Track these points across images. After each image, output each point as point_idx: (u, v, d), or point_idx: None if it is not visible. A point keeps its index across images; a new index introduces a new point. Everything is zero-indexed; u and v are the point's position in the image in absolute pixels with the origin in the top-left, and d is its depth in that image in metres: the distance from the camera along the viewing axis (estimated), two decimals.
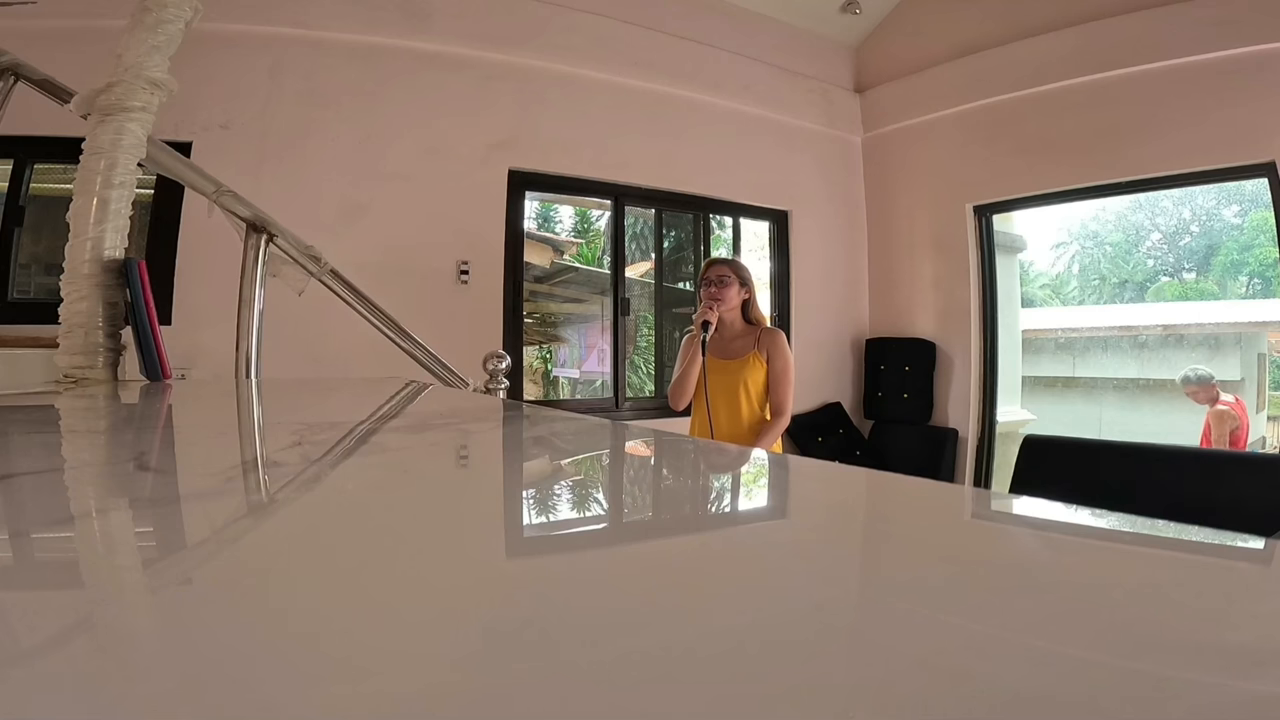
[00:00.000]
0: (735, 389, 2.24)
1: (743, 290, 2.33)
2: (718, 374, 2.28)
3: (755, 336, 2.29)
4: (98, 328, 1.22)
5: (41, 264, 2.95)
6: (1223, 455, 2.45)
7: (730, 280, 2.30)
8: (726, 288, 2.29)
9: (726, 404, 2.25)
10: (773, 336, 2.29)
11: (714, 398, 2.25)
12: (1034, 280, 8.26)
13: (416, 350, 2.06)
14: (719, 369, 2.29)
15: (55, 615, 0.20)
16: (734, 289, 2.30)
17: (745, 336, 2.31)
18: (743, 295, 2.33)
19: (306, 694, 0.15)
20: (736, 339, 2.32)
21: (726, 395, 2.25)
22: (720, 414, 2.24)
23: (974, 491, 1.33)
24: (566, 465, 0.55)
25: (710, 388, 2.28)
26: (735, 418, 2.23)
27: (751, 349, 2.27)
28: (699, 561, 0.27)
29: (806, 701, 0.15)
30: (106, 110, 1.26)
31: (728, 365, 2.28)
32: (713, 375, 2.29)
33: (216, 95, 2.96)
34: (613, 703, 0.14)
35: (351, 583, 0.23)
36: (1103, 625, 0.20)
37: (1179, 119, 3.46)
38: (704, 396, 2.25)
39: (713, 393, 2.27)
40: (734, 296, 2.30)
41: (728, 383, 2.26)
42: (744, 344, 2.29)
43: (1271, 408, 6.07)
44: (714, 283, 2.30)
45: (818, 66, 4.65)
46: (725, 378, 2.27)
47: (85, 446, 0.61)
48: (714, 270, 2.33)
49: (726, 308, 2.29)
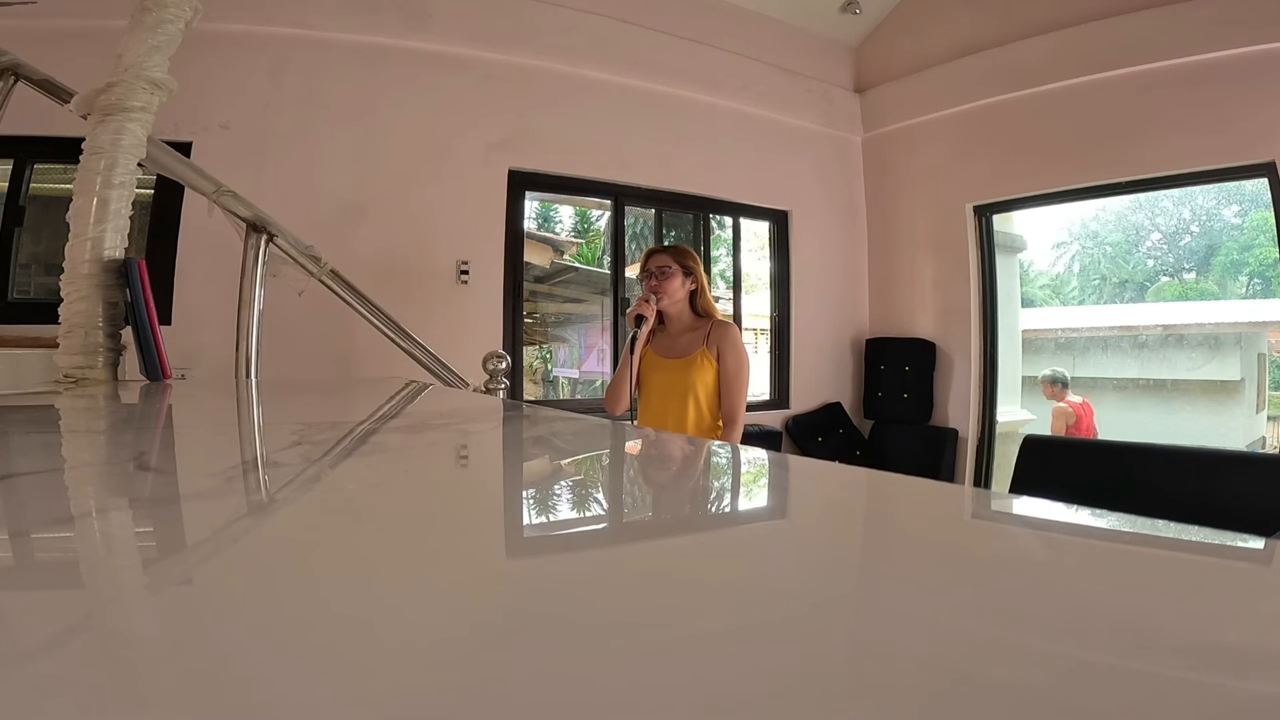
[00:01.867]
0: (682, 392, 1.99)
1: (688, 280, 2.06)
2: (661, 374, 2.04)
3: (705, 332, 2.03)
4: (98, 328, 1.22)
5: (41, 264, 2.95)
6: (1223, 455, 2.45)
7: (672, 270, 2.05)
8: (668, 279, 2.04)
9: (672, 409, 2.00)
10: (723, 331, 2.02)
11: (658, 402, 2.03)
12: (1034, 280, 8.26)
13: (416, 350, 2.06)
14: (662, 369, 2.04)
15: (55, 615, 0.20)
16: (676, 280, 2.05)
17: (694, 332, 2.06)
18: (688, 286, 2.07)
19: (307, 694, 0.15)
20: (684, 334, 2.07)
21: (672, 399, 2.00)
22: (665, 420, 2.00)
23: (974, 491, 1.33)
24: (566, 465, 0.55)
25: (653, 391, 2.05)
26: (682, 424, 1.99)
27: (700, 346, 2.01)
28: (698, 561, 0.27)
29: (806, 701, 0.15)
30: (106, 110, 1.26)
31: (672, 365, 2.03)
32: (656, 376, 2.05)
33: (216, 95, 2.96)
34: (613, 702, 0.14)
35: (351, 583, 0.23)
36: (1102, 625, 0.20)
37: (1179, 119, 3.46)
38: (633, 401, 2.03)
39: (657, 396, 2.04)
40: (678, 288, 2.05)
41: (673, 384, 2.01)
42: (692, 340, 2.04)
43: (1271, 408, 6.07)
44: (653, 274, 2.06)
45: (818, 66, 4.65)
46: (669, 378, 2.02)
47: (85, 446, 0.61)
48: (654, 260, 2.08)
49: (670, 301, 2.04)
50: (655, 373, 2.06)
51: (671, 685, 0.15)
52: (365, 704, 0.14)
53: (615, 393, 2.07)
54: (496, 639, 0.18)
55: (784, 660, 0.17)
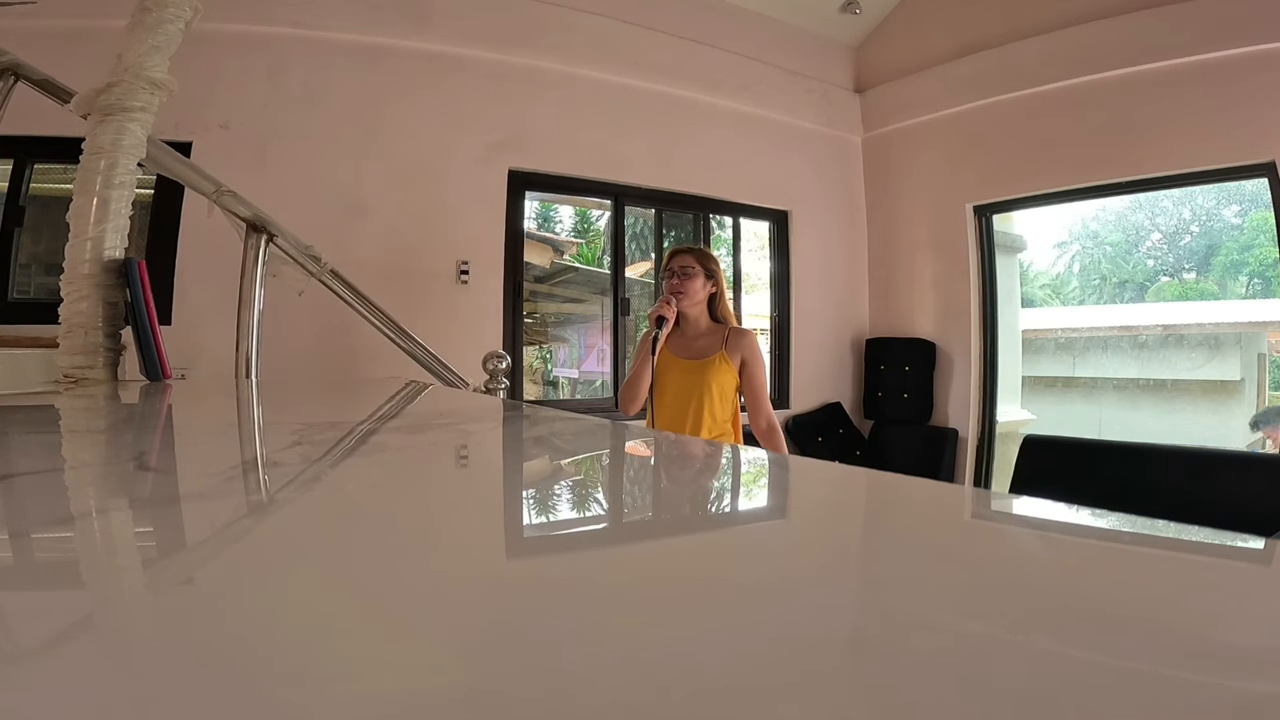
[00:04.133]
0: (699, 393, 1.99)
1: (709, 284, 2.07)
2: (678, 374, 2.03)
3: (723, 336, 2.04)
4: (98, 328, 1.22)
5: (41, 264, 2.95)
6: (1223, 455, 2.45)
7: (695, 271, 2.05)
8: (690, 279, 2.04)
9: (687, 409, 2.01)
10: (743, 337, 2.05)
11: (672, 402, 2.02)
12: (1034, 280, 8.26)
13: (416, 350, 2.06)
14: (679, 369, 2.03)
15: (55, 615, 0.20)
16: (699, 281, 2.04)
17: (710, 335, 2.06)
18: (709, 289, 2.07)
19: (307, 694, 0.15)
20: (701, 337, 2.07)
21: (686, 399, 2.00)
22: (679, 420, 2.01)
23: (974, 491, 1.33)
24: (566, 465, 0.55)
25: (668, 391, 2.03)
26: (696, 425, 1.99)
27: (718, 349, 2.02)
28: (698, 561, 0.27)
29: (806, 702, 0.15)
30: (106, 110, 1.26)
31: (690, 366, 2.02)
32: (671, 376, 2.04)
33: (216, 95, 2.96)
34: (613, 702, 0.14)
35: (352, 583, 0.23)
36: (1102, 625, 0.20)
37: (1179, 119, 3.46)
38: (652, 400, 2.04)
39: (671, 396, 2.02)
40: (699, 290, 2.05)
41: (689, 385, 2.01)
42: (709, 343, 2.04)
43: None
44: (676, 273, 2.06)
45: (817, 66, 4.65)
46: (686, 379, 2.01)
47: (85, 446, 0.61)
48: (677, 260, 2.08)
49: (690, 302, 2.04)
50: (670, 373, 2.04)
51: (671, 685, 0.15)
52: (365, 704, 0.14)
53: (632, 391, 2.05)
54: (496, 639, 0.18)
55: (783, 660, 0.17)
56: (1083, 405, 6.49)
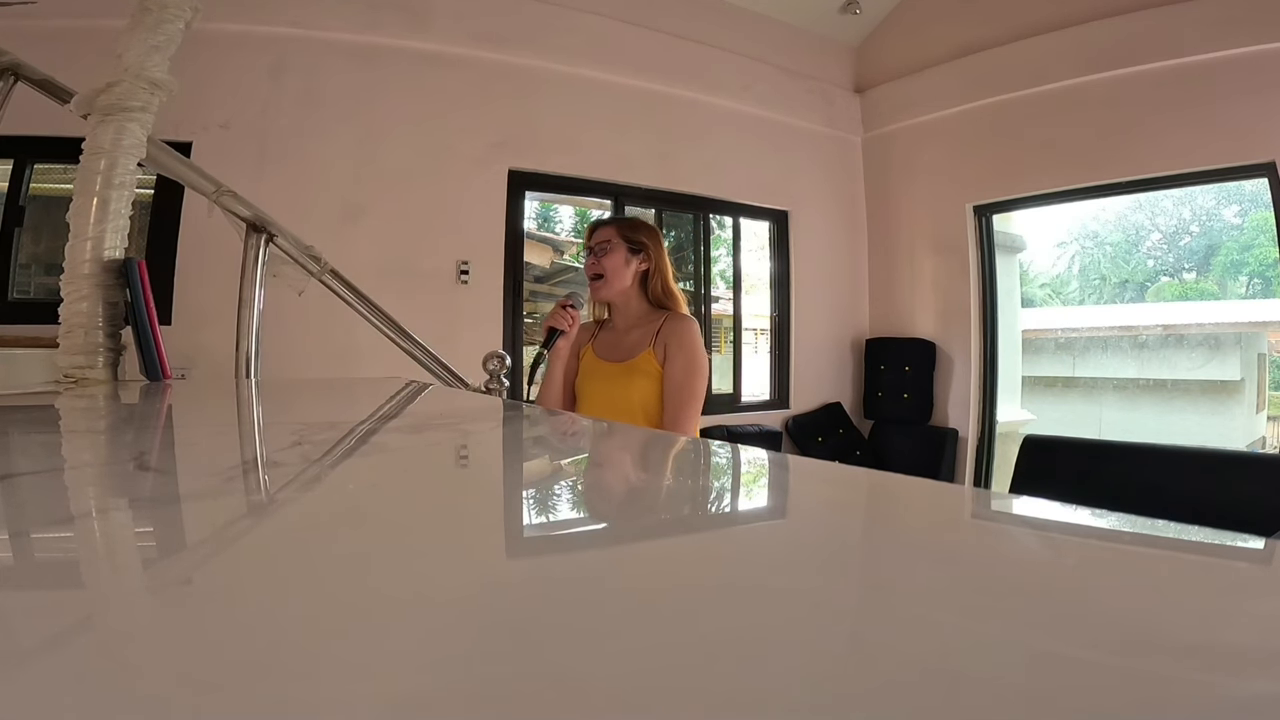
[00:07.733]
0: (625, 406, 1.51)
1: (637, 259, 1.58)
2: (598, 382, 1.57)
3: (656, 327, 1.55)
4: (98, 328, 1.22)
5: (41, 264, 2.95)
6: (1223, 455, 2.45)
7: (613, 246, 1.57)
8: (608, 255, 1.57)
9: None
10: (676, 325, 1.53)
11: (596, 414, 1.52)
12: (1034, 280, 8.25)
13: (416, 350, 2.06)
14: (600, 375, 1.57)
15: (55, 615, 0.20)
16: (618, 257, 1.57)
17: (645, 326, 1.57)
18: (638, 266, 1.58)
19: (306, 694, 0.15)
20: (633, 329, 1.59)
21: (612, 411, 1.52)
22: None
23: (974, 491, 1.33)
24: (566, 465, 0.55)
25: (592, 402, 1.56)
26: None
27: (646, 346, 1.53)
28: (697, 561, 0.27)
29: (806, 702, 0.15)
30: (106, 110, 1.26)
31: (611, 371, 1.56)
32: (595, 384, 1.58)
33: (216, 95, 2.96)
34: (612, 702, 0.14)
35: (352, 583, 0.23)
36: (1102, 625, 0.20)
37: (1179, 119, 3.46)
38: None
39: (594, 407, 1.56)
40: (621, 268, 1.56)
41: (612, 395, 1.54)
42: (640, 337, 1.56)
43: (1271, 408, 6.06)
44: (592, 250, 1.60)
45: (818, 66, 4.65)
46: (607, 387, 1.55)
47: (85, 446, 0.61)
48: (594, 235, 1.62)
49: (612, 289, 1.58)
50: (593, 380, 1.58)
51: (672, 685, 0.15)
52: (365, 704, 0.14)
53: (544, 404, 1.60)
54: (496, 638, 0.18)
55: (783, 660, 0.17)
56: (1083, 405, 6.48)
